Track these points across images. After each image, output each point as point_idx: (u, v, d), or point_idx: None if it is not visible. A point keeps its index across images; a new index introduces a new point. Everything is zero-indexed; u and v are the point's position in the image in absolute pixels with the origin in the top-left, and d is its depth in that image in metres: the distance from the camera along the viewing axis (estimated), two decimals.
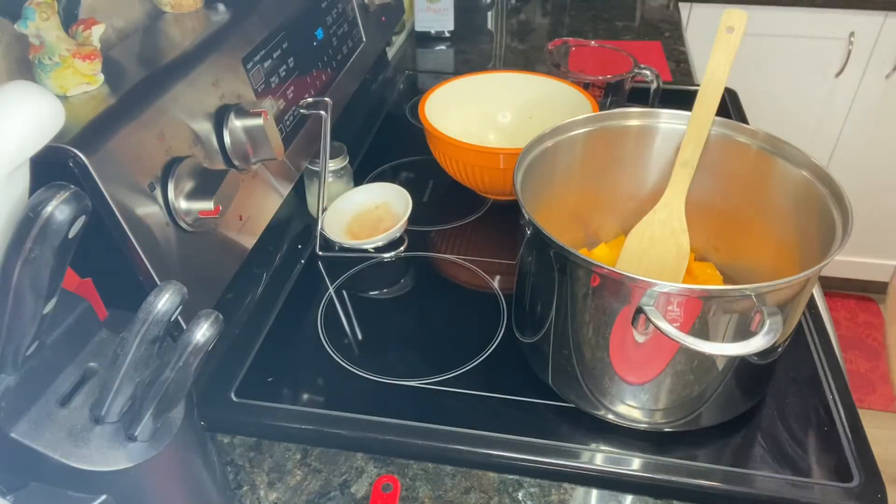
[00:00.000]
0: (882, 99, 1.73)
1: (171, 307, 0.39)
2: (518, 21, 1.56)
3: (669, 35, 1.46)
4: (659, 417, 0.59)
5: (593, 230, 0.76)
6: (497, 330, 0.71)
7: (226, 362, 0.68)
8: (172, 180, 0.57)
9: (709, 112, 0.66)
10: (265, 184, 0.73)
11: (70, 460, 0.41)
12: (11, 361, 0.40)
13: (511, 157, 0.80)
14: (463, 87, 0.97)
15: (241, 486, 0.58)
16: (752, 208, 0.68)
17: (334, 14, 0.92)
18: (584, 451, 0.59)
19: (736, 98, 1.15)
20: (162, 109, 0.58)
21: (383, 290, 0.79)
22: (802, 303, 0.56)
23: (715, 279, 0.72)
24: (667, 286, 0.49)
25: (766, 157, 0.65)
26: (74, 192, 0.36)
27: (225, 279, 0.66)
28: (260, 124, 0.66)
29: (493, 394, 0.64)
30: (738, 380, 0.58)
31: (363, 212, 0.87)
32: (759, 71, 1.73)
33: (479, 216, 0.90)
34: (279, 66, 0.76)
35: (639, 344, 0.54)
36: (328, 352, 0.69)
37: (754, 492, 0.56)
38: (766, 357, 0.58)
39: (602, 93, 1.00)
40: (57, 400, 0.43)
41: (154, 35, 0.70)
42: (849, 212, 0.55)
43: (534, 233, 0.57)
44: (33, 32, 0.54)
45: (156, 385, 0.40)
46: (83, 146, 0.50)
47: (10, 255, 0.36)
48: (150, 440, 0.43)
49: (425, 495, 0.57)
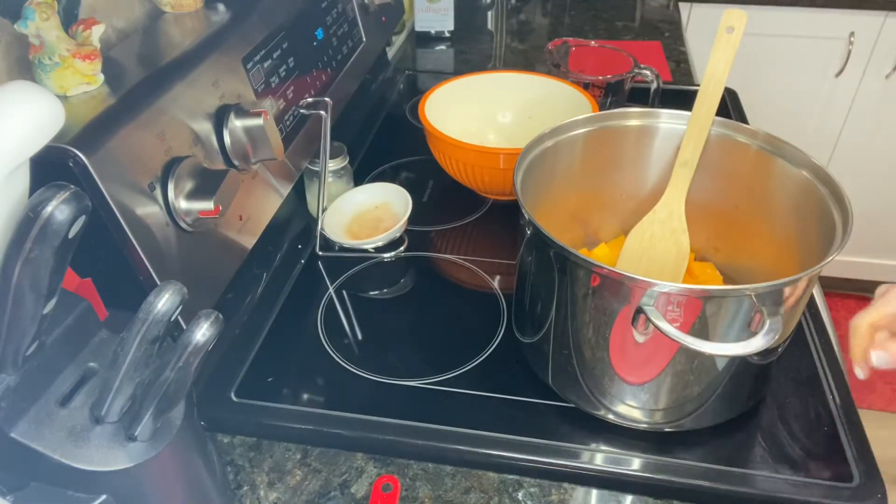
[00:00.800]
0: (882, 99, 1.73)
1: (171, 307, 0.39)
2: (518, 21, 1.56)
3: (669, 35, 1.46)
4: (659, 417, 0.59)
5: (593, 230, 0.76)
6: (497, 330, 0.71)
7: (226, 362, 0.68)
8: (172, 180, 0.57)
9: (709, 112, 0.66)
10: (265, 184, 0.73)
11: (70, 460, 0.41)
12: (11, 361, 0.40)
13: (511, 157, 0.80)
14: (463, 87, 0.97)
15: (241, 486, 0.58)
16: (752, 208, 0.68)
17: (334, 14, 0.93)
18: (584, 451, 0.59)
19: (736, 98, 1.15)
20: (162, 109, 0.58)
21: (383, 290, 0.79)
22: (802, 303, 0.56)
23: (715, 279, 0.72)
24: (667, 286, 0.49)
25: (766, 157, 0.65)
26: (74, 192, 0.36)
27: (225, 279, 0.66)
28: (260, 124, 0.66)
29: (493, 394, 0.64)
30: (739, 380, 0.58)
31: (363, 212, 0.87)
32: (759, 71, 1.73)
33: (479, 216, 0.90)
34: (279, 66, 0.76)
35: (639, 344, 0.54)
36: (328, 352, 0.69)
37: (754, 492, 0.56)
38: (766, 357, 0.58)
39: (602, 93, 1.00)
40: (57, 400, 0.43)
41: (154, 35, 0.70)
42: (849, 212, 0.55)
43: (534, 233, 0.57)
44: (33, 32, 0.54)
45: (156, 385, 0.40)
46: (83, 146, 0.50)
47: (10, 255, 0.36)
48: (150, 440, 0.43)
49: (425, 495, 0.57)
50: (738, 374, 0.57)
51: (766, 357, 0.58)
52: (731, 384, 0.57)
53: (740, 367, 0.56)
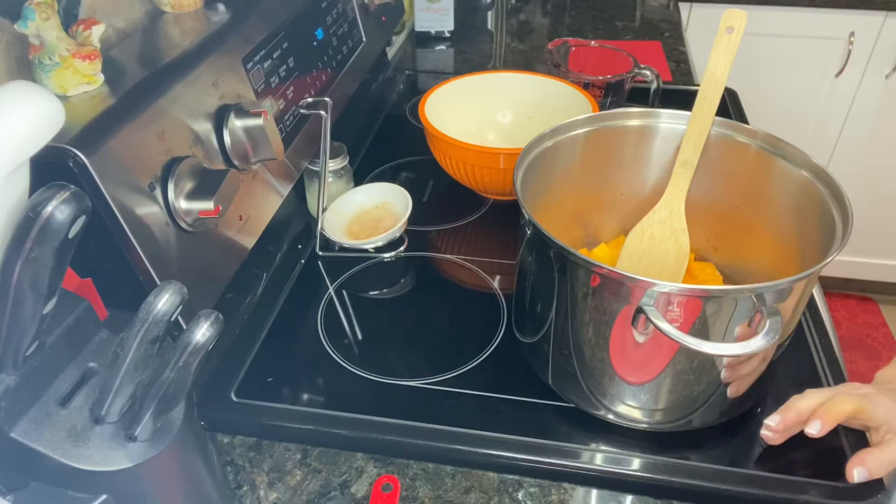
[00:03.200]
0: (882, 99, 1.73)
1: (171, 307, 0.39)
2: (518, 21, 1.56)
3: (669, 35, 1.46)
4: (659, 417, 0.59)
5: (593, 230, 0.76)
6: (497, 330, 0.71)
7: (226, 362, 0.68)
8: (172, 180, 0.57)
9: (709, 112, 0.66)
10: (265, 184, 0.73)
11: (70, 460, 0.41)
12: (11, 361, 0.40)
13: (511, 157, 0.80)
14: (463, 87, 0.97)
15: (241, 486, 0.58)
16: (752, 208, 0.68)
17: (334, 14, 0.93)
18: (584, 451, 0.59)
19: (736, 98, 1.15)
20: (162, 109, 0.58)
21: (383, 290, 0.79)
22: (802, 303, 0.56)
23: (715, 279, 0.72)
24: (667, 286, 0.49)
25: (766, 157, 0.65)
26: (74, 192, 0.36)
27: (225, 279, 0.66)
28: (260, 124, 0.66)
29: (493, 394, 0.64)
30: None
31: (363, 212, 0.87)
32: (759, 71, 1.73)
33: (479, 216, 0.90)
34: (279, 66, 0.76)
35: (639, 344, 0.54)
36: (328, 352, 0.69)
37: (754, 492, 0.56)
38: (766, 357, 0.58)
39: (602, 93, 1.00)
40: (57, 400, 0.43)
41: (154, 35, 0.70)
42: (849, 212, 0.55)
43: (534, 233, 0.57)
44: (33, 32, 0.54)
45: (156, 385, 0.40)
46: (83, 146, 0.50)
47: (10, 255, 0.36)
48: (150, 440, 0.43)
49: (425, 495, 0.57)
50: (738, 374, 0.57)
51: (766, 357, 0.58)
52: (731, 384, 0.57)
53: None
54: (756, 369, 0.57)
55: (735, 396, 0.58)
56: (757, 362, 0.57)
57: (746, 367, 0.56)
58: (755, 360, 0.56)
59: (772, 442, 0.56)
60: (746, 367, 0.56)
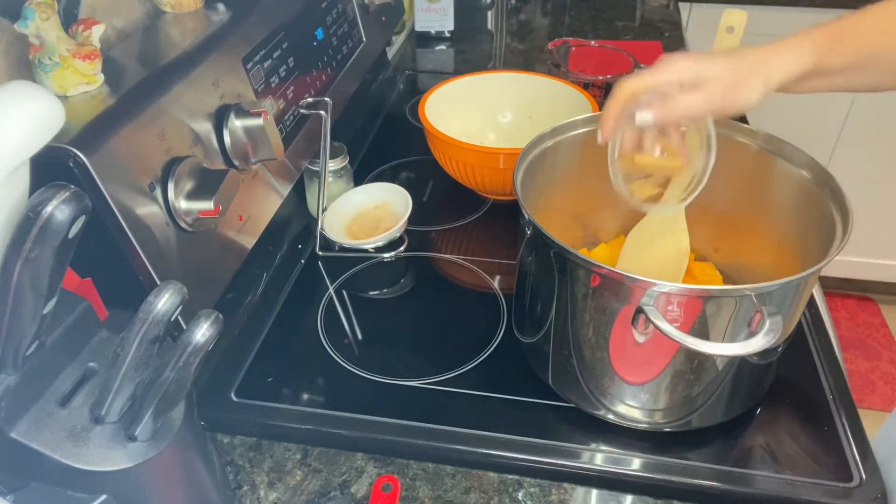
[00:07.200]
0: (882, 99, 1.73)
1: (171, 307, 0.39)
2: (518, 21, 1.56)
3: (669, 35, 1.46)
4: (659, 417, 0.59)
5: (593, 230, 0.76)
6: (497, 330, 0.71)
7: (226, 362, 0.68)
8: (172, 180, 0.57)
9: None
10: (265, 184, 0.73)
11: (70, 460, 0.41)
12: (11, 361, 0.40)
13: (511, 157, 0.80)
14: (463, 87, 0.97)
15: (241, 486, 0.58)
16: (752, 208, 0.68)
17: (334, 14, 0.92)
18: (584, 451, 0.59)
19: None
20: (162, 109, 0.58)
21: (383, 290, 0.79)
22: (802, 303, 0.56)
23: (715, 279, 0.72)
24: (667, 286, 0.49)
25: (766, 157, 0.65)
26: (74, 192, 0.36)
27: (225, 279, 0.66)
28: (260, 124, 0.65)
29: (493, 394, 0.64)
30: (739, 380, 0.58)
31: (363, 212, 0.87)
32: None
33: (479, 216, 0.90)
34: (279, 66, 0.76)
35: (639, 344, 0.54)
36: (328, 352, 0.69)
37: (754, 492, 0.56)
38: (766, 357, 0.58)
39: (602, 93, 1.00)
40: (57, 400, 0.43)
41: (154, 35, 0.70)
42: (849, 212, 0.55)
43: (534, 233, 0.57)
44: (33, 32, 0.54)
45: (156, 385, 0.40)
46: (83, 146, 0.50)
47: (10, 255, 0.36)
48: (150, 440, 0.43)
49: (425, 495, 0.57)
50: (738, 374, 0.57)
51: (766, 357, 0.58)
52: (731, 384, 0.57)
53: (740, 367, 0.56)
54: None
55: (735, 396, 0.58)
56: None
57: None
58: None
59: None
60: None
